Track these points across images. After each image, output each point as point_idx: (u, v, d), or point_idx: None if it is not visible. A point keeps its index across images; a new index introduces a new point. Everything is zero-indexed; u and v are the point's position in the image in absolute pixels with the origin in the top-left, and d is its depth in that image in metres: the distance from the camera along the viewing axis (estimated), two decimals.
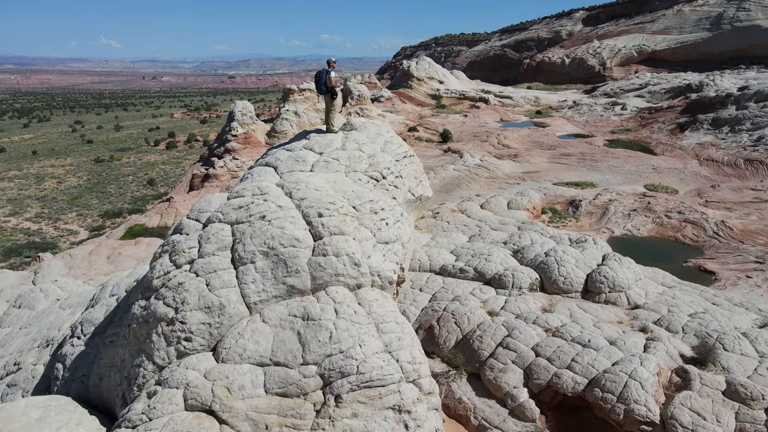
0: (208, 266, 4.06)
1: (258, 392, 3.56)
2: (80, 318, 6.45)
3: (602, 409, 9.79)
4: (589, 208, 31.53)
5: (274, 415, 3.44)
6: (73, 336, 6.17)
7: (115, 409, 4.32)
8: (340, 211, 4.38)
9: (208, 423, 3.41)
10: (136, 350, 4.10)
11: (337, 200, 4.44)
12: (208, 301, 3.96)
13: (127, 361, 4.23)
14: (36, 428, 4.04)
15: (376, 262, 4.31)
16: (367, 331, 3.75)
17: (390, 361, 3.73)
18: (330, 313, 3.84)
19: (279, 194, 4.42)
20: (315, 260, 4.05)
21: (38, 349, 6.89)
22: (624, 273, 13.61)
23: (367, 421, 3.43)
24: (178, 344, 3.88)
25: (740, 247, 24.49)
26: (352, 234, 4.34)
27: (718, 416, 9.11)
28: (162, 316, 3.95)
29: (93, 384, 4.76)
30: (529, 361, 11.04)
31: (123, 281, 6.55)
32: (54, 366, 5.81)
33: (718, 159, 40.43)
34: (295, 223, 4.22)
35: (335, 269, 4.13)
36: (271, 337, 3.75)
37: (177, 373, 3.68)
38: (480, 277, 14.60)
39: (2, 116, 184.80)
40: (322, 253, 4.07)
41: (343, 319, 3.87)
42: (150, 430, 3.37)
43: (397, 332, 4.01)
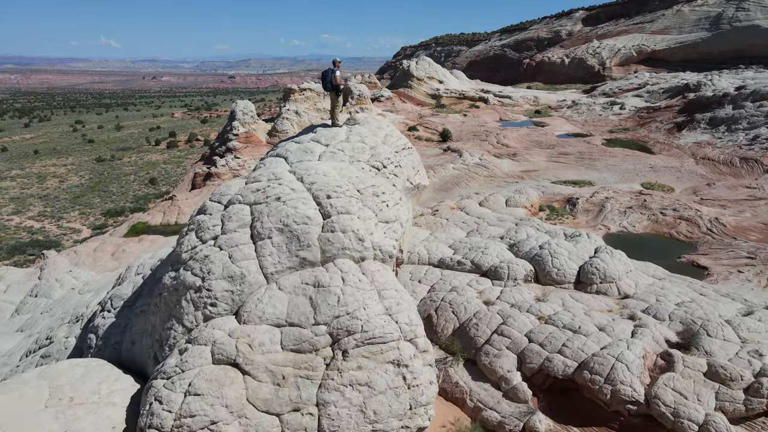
0: (231, 241, 4.64)
1: (275, 348, 4.12)
2: (109, 294, 7.05)
3: (590, 390, 10.38)
4: (586, 205, 32.07)
5: (290, 367, 4.01)
6: (104, 310, 6.76)
7: (147, 369, 4.90)
8: (346, 194, 4.97)
9: (233, 374, 3.98)
10: (166, 316, 4.68)
11: (343, 184, 5.04)
12: (231, 272, 4.55)
13: (158, 326, 4.80)
14: (80, 382, 4.61)
15: (377, 239, 4.90)
16: (370, 296, 4.33)
17: (390, 322, 4.30)
18: (338, 281, 4.42)
19: (292, 179, 5.01)
20: (324, 236, 4.64)
21: (68, 325, 7.48)
22: (615, 265, 14.19)
23: (370, 373, 4.00)
24: (205, 309, 4.46)
25: (733, 243, 25.06)
26: (357, 213, 4.94)
27: (698, 395, 9.69)
28: (190, 285, 4.53)
29: (125, 349, 5.33)
30: (522, 347, 11.62)
31: (147, 261, 7.16)
32: (86, 337, 6.38)
33: (714, 158, 41.00)
34: (306, 203, 4.81)
35: (342, 244, 4.72)
36: (286, 302, 4.32)
37: (205, 332, 4.24)
38: (477, 270, 15.18)
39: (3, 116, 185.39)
40: (330, 229, 4.66)
41: (349, 286, 4.44)
42: (183, 380, 3.93)
43: (396, 298, 4.59)
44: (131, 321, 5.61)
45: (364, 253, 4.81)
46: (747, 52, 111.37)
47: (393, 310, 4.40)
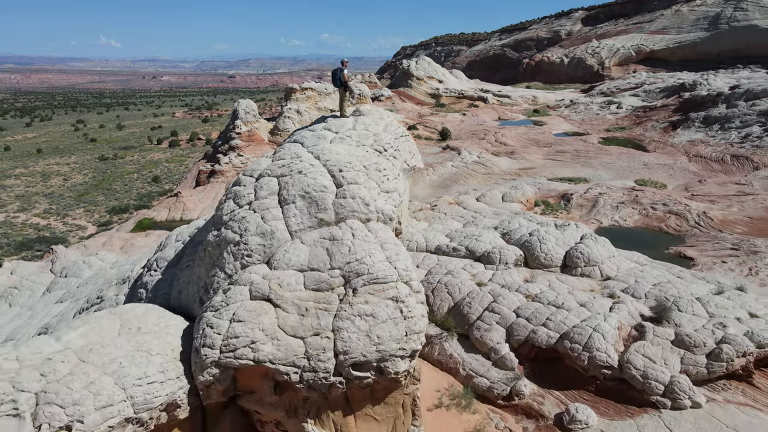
0: (262, 205, 5.81)
1: (300, 288, 5.27)
2: (154, 258, 8.25)
3: (570, 357, 11.57)
4: (579, 201, 33.24)
5: (311, 302, 5.16)
6: (150, 270, 7.95)
7: (193, 311, 6.05)
8: (354, 168, 6.13)
9: (266, 307, 5.13)
10: (210, 266, 5.82)
11: (352, 161, 6.22)
12: (263, 229, 5.71)
13: (203, 276, 5.94)
14: (143, 317, 5.77)
15: (380, 204, 6.06)
16: (374, 247, 5.48)
17: (390, 267, 5.45)
18: (349, 236, 5.58)
19: (310, 157, 6.18)
20: (337, 201, 5.81)
21: (116, 286, 8.67)
22: (598, 250, 15.37)
23: (374, 306, 5.15)
24: (242, 259, 5.61)
25: (719, 236, 26.24)
26: (363, 184, 6.11)
27: (665, 360, 10.88)
28: (230, 240, 5.68)
29: (174, 297, 6.48)
30: (510, 322, 12.81)
31: (185, 231, 8.37)
32: (136, 293, 7.53)
33: (706, 155, 42.15)
34: (323, 175, 5.99)
35: (352, 207, 5.87)
36: (307, 252, 5.47)
37: (243, 276, 5.38)
38: (471, 255, 16.36)
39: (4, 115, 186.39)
40: (342, 196, 5.82)
41: (358, 240, 5.59)
42: (228, 311, 5.06)
43: (395, 250, 5.75)
44: (177, 275, 6.78)
45: (369, 215, 5.98)
46: (745, 51, 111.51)
47: (392, 258, 5.57)
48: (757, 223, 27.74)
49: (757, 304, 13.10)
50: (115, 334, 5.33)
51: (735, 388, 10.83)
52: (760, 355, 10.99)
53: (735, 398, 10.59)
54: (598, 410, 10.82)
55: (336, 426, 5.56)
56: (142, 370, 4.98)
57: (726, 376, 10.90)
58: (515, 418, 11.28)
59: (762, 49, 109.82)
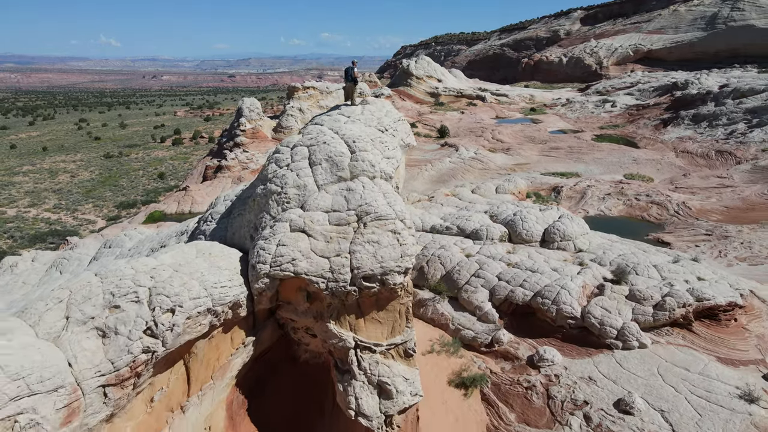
0: (297, 166, 8.03)
1: (325, 223, 7.44)
2: (208, 213, 10.50)
3: (542, 311, 13.83)
4: (569, 192, 35.52)
5: (334, 233, 7.34)
6: (205, 222, 10.17)
7: (245, 245, 8.24)
8: (364, 140, 8.35)
9: (302, 236, 7.30)
10: (258, 211, 8.01)
11: (362, 135, 8.44)
12: (298, 183, 7.91)
13: (252, 219, 8.12)
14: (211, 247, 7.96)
15: (383, 166, 8.26)
16: (378, 195, 7.65)
17: (390, 209, 7.63)
18: (360, 187, 7.76)
19: (331, 132, 8.40)
20: (352, 163, 8.00)
21: (176, 237, 10.86)
22: (573, 227, 17.63)
23: (378, 236, 7.33)
24: (283, 205, 7.79)
25: (695, 223, 28.50)
26: (371, 152, 8.31)
27: (619, 311, 13.14)
28: (274, 191, 7.87)
29: (228, 238, 8.68)
30: (493, 284, 15.06)
31: (231, 193, 10.62)
32: (195, 238, 9.72)
33: (692, 151, 44.40)
34: (341, 145, 8.20)
35: (362, 168, 8.05)
36: (330, 199, 7.66)
37: (285, 216, 7.54)
38: (461, 233, 18.62)
39: (7, 114, 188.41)
40: (355, 160, 8.02)
41: (367, 190, 7.78)
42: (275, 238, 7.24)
43: (394, 198, 7.93)
44: (230, 222, 8.99)
45: (375, 174, 8.17)
46: (742, 51, 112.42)
47: (391, 203, 7.74)
48: (732, 211, 29.99)
49: (706, 271, 15.35)
50: (194, 257, 7.48)
51: (676, 334, 13.09)
52: (699, 308, 13.24)
53: (675, 341, 12.85)
54: (563, 352, 13.08)
55: (351, 326, 7.72)
56: (216, 278, 7.15)
57: (670, 323, 13.15)
58: (495, 361, 13.55)
59: (759, 49, 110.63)
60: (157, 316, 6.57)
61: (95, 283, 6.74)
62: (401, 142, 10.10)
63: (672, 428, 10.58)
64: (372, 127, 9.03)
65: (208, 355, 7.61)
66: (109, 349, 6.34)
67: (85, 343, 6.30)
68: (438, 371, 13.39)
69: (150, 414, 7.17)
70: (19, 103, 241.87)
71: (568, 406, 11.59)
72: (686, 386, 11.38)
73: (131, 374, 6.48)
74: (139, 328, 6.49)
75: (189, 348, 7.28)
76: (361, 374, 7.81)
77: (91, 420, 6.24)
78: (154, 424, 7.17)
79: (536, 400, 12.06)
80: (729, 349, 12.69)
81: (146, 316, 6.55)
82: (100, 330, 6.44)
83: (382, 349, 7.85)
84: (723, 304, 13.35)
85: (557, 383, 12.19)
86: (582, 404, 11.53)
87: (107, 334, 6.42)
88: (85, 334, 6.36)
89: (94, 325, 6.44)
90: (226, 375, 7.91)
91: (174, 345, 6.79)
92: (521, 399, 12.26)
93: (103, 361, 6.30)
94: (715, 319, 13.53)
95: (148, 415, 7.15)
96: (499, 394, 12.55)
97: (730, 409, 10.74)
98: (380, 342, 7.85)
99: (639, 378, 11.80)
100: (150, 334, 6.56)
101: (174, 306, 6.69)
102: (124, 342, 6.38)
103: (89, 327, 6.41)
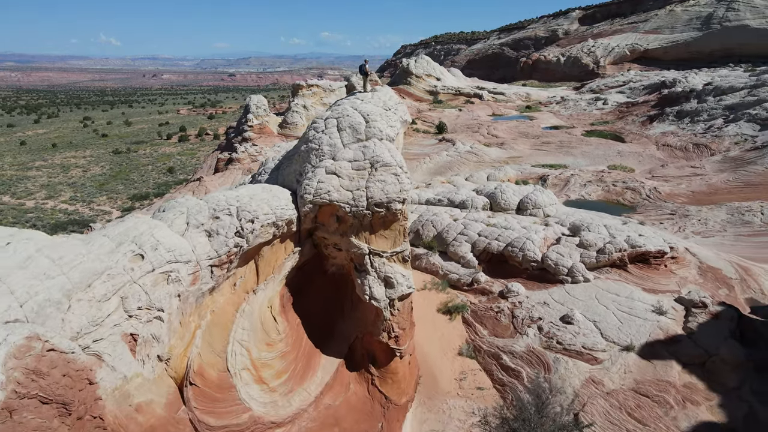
0: (329, 132, 11.86)
1: (349, 168, 11.27)
2: (260, 169, 14.44)
3: (511, 257, 17.75)
4: (554, 180, 39.42)
5: (355, 174, 11.19)
6: (259, 175, 14.13)
7: (293, 186, 12.08)
8: (375, 114, 12.19)
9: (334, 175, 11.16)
10: (302, 162, 11.85)
11: (373, 111, 12.30)
12: (330, 143, 11.74)
13: (298, 168, 11.96)
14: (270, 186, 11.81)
15: (388, 132, 12.12)
16: (385, 149, 11.49)
17: (393, 159, 11.47)
18: (372, 145, 11.60)
19: (352, 109, 12.28)
20: (366, 129, 11.85)
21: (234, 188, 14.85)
22: (543, 197, 21.56)
23: (385, 176, 11.15)
24: (320, 157, 11.61)
25: (663, 205, 32.43)
26: (379, 122, 12.17)
27: (570, 255, 17.07)
28: (313, 149, 11.71)
29: (280, 182, 12.53)
30: (474, 239, 18.99)
31: (277, 155, 14.55)
32: None
33: (672, 144, 48.31)
34: (360, 117, 12.06)
35: (374, 132, 11.89)
36: (352, 153, 11.50)
37: (321, 164, 11.38)
38: (451, 204, 22.56)
39: (11, 112, 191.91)
40: (369, 127, 11.86)
41: (377, 147, 11.62)
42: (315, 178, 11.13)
43: (395, 153, 11.78)
44: (279, 173, 12.88)
45: (382, 136, 12.00)
46: (736, 51, 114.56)
47: (393, 155, 11.57)
48: (697, 195, 33.92)
49: (646, 230, 19.27)
50: (261, 191, 11.30)
51: (614, 272, 17.01)
52: (633, 253, 17.14)
53: (612, 277, 16.78)
54: (527, 287, 17.00)
55: (365, 239, 11.56)
56: (277, 203, 11.02)
57: (609, 264, 17.07)
58: (474, 296, 17.47)
59: (754, 48, 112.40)
60: (242, 224, 10.39)
61: (202, 204, 10.57)
62: (400, 118, 13.94)
63: (600, 332, 14.52)
64: (379, 107, 12.85)
65: (270, 257, 11.43)
66: (213, 243, 10.17)
67: (200, 239, 10.13)
68: (429, 303, 17.32)
69: (234, 293, 11.01)
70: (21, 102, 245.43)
71: (527, 322, 15.52)
72: (614, 305, 15.32)
73: (227, 260, 10.31)
74: (231, 231, 10.31)
75: (258, 251, 11.10)
76: (373, 271, 11.67)
77: (203, 286, 10.09)
78: (236, 299, 11.01)
79: (504, 319, 15.99)
80: (654, 284, 16.62)
81: (236, 224, 10.37)
82: (207, 231, 10.26)
83: (387, 255, 11.70)
84: (652, 251, 17.28)
85: (520, 307, 16.12)
86: (537, 320, 15.46)
87: (212, 234, 10.25)
88: (198, 234, 10.19)
89: (204, 228, 10.26)
90: (280, 273, 11.74)
91: (252, 244, 10.61)
92: (492, 320, 16.18)
93: (211, 250, 10.12)
94: (647, 263, 17.46)
95: (232, 294, 11.00)
96: (476, 317, 16.47)
97: (644, 318, 14.68)
98: (386, 250, 11.70)
99: (580, 301, 15.73)
100: (238, 235, 10.37)
101: (253, 217, 10.49)
102: (223, 239, 10.20)
103: (201, 229, 10.23)
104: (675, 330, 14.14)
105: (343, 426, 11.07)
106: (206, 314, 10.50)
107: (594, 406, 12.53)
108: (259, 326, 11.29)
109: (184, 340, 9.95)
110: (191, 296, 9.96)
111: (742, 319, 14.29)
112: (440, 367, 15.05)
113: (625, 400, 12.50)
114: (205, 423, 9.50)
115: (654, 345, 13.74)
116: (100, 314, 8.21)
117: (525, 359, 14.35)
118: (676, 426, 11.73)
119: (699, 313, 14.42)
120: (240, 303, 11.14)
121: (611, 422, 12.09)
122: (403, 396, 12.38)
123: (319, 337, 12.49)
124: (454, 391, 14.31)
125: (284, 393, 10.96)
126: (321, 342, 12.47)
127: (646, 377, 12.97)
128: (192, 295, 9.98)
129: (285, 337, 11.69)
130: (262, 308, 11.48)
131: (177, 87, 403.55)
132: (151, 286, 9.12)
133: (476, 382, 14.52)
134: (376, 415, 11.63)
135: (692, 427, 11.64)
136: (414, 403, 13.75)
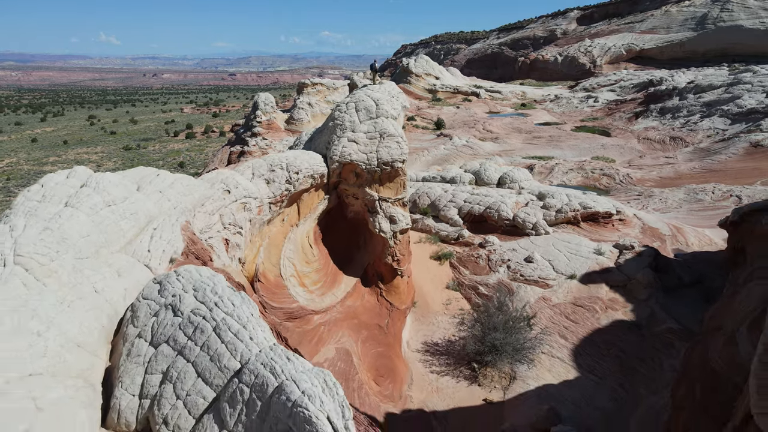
0: (349, 111, 16.57)
1: (364, 137, 15.97)
2: (295, 142, 19.27)
3: (489, 217, 22.66)
4: (540, 169, 44.33)
5: (369, 141, 15.98)
6: (295, 146, 18.92)
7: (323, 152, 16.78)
8: (383, 99, 16.94)
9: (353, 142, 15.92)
10: (329, 134, 16.51)
11: (382, 97, 17.07)
12: (350, 119, 16.48)
13: (326, 138, 16.62)
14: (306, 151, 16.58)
15: (392, 112, 16.82)
16: (391, 124, 16.20)
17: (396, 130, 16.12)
18: (381, 121, 16.32)
19: (366, 96, 16.97)
20: (377, 109, 16.50)
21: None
22: (520, 174, 26.49)
23: (390, 142, 15.87)
24: (342, 130, 16.30)
25: (632, 188, 37.32)
26: (386, 105, 16.90)
27: (535, 214, 21.97)
28: (338, 124, 16.40)
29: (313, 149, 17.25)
30: (460, 205, 23.90)
31: (310, 130, 19.39)
32: None
33: (652, 138, 53.20)
34: (371, 101, 16.77)
35: (383, 112, 16.62)
36: (366, 127, 16.18)
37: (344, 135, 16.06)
38: (443, 180, 27.48)
39: (16, 111, 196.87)
40: (378, 108, 16.55)
41: (385, 122, 16.32)
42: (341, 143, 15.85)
43: (397, 126, 16.50)
44: (312, 143, 17.69)
45: (388, 116, 16.73)
46: (730, 51, 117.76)
47: (396, 128, 16.26)
48: (664, 180, 38.81)
49: (601, 199, 24.13)
50: (301, 154, 16.10)
51: (570, 228, 21.90)
52: (585, 213, 22.03)
53: (568, 231, 21.66)
54: (501, 239, 21.89)
55: (376, 189, 16.37)
56: (313, 161, 15.75)
57: (566, 221, 21.97)
58: (459, 247, 22.37)
59: (748, 48, 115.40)
60: (290, 174, 15.23)
61: (263, 161, 15.46)
62: (401, 104, 18.80)
63: (553, 267, 19.41)
64: (386, 95, 17.66)
65: (307, 200, 16.26)
66: (271, 187, 15.00)
67: (261, 184, 14.99)
68: (423, 251, 22.22)
69: (282, 225, 15.88)
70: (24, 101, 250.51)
71: (498, 263, 20.41)
72: (566, 249, 20.22)
73: (280, 199, 15.16)
74: (283, 179, 15.13)
75: (299, 196, 15.94)
76: (381, 212, 16.53)
77: (264, 216, 14.96)
78: (284, 230, 15.87)
79: (481, 262, 20.88)
80: (600, 236, 21.53)
81: (286, 175, 15.20)
82: (267, 179, 15.12)
83: (391, 200, 16.54)
84: (601, 212, 22.20)
85: (494, 253, 21.01)
86: (507, 261, 20.35)
87: (269, 181, 15.09)
88: (261, 181, 15.05)
89: (264, 177, 15.12)
90: (315, 213, 16.56)
91: (297, 189, 15.45)
92: (473, 263, 21.06)
93: (269, 192, 14.97)
94: (597, 222, 22.35)
95: (281, 226, 15.88)
96: (460, 262, 21.36)
97: (587, 257, 19.58)
98: (391, 197, 16.55)
99: (540, 247, 20.64)
100: (288, 182, 15.20)
101: (297, 170, 15.32)
102: (277, 185, 15.03)
103: (263, 178, 15.08)
104: (608, 264, 19.04)
105: (361, 319, 15.95)
106: (266, 237, 15.42)
107: (543, 313, 17.43)
108: (300, 249, 16.21)
109: (252, 252, 14.87)
110: (257, 222, 14.88)
111: (659, 257, 19.17)
112: (432, 296, 19.95)
113: (565, 309, 17.41)
114: (269, 304, 14.36)
115: (591, 274, 18.64)
116: (210, 222, 13.10)
117: (496, 287, 19.24)
118: (598, 323, 16.62)
119: (627, 252, 19.30)
120: (287, 233, 16.05)
121: (553, 323, 16.98)
122: (403, 304, 17.29)
123: (342, 262, 17.41)
124: (442, 311, 19.21)
125: (319, 294, 15.82)
126: (343, 266, 17.39)
127: (582, 295, 17.87)
128: (258, 222, 14.89)
129: (318, 259, 16.61)
130: (302, 237, 16.40)
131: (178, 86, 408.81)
132: (235, 211, 14.03)
133: (458, 306, 19.42)
134: (383, 315, 16.51)
135: (609, 323, 16.53)
136: (410, 319, 18.64)
